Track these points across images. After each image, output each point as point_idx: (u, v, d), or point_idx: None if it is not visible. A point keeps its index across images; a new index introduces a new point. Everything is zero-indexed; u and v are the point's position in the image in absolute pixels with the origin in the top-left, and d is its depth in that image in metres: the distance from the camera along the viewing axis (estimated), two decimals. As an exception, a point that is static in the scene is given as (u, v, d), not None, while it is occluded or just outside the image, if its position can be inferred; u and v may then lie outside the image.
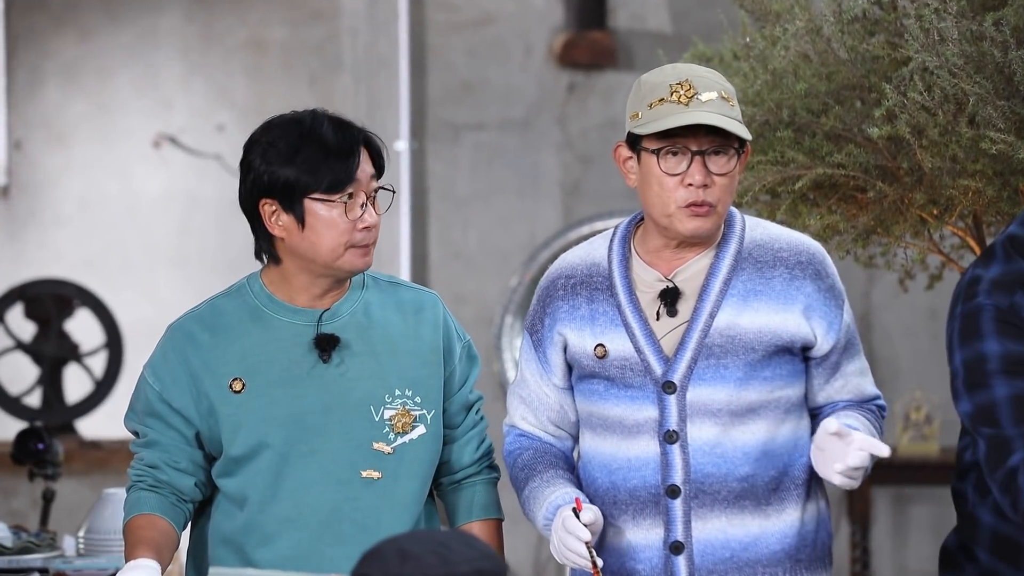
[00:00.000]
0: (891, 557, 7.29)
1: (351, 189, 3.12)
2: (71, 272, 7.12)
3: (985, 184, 3.64)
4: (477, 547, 2.29)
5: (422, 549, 2.27)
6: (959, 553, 3.12)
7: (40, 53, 7.46)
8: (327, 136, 3.12)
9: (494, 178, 7.36)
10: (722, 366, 3.13)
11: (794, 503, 3.17)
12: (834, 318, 3.18)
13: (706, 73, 3.14)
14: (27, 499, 6.44)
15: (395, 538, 2.31)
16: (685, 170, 3.10)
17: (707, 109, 3.08)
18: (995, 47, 3.55)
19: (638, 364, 3.15)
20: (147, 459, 3.19)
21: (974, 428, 2.98)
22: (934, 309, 7.19)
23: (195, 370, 3.17)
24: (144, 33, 7.42)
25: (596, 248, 3.25)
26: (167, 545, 3.13)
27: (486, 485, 3.30)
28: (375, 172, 3.17)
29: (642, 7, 7.36)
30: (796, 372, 3.19)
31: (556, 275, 3.27)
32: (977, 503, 3.08)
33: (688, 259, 3.18)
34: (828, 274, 3.20)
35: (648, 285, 3.18)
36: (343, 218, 3.12)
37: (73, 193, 7.48)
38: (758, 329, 3.14)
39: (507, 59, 7.35)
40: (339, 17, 7.38)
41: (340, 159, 3.11)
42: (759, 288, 3.16)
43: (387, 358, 3.20)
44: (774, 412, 3.16)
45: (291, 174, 3.11)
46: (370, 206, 3.15)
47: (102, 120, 7.45)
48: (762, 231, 3.22)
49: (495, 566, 2.28)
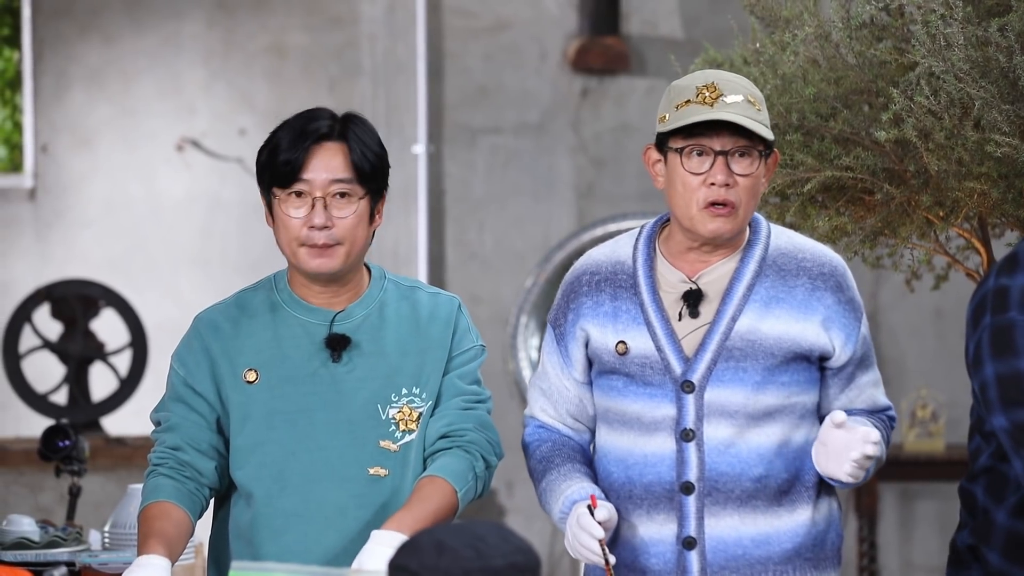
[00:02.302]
0: (898, 552, 7.27)
1: (297, 187, 3.13)
2: (96, 273, 7.08)
3: (990, 186, 3.64)
4: (512, 541, 2.31)
5: (458, 542, 2.28)
6: (967, 553, 3.13)
7: (66, 58, 7.41)
8: (285, 135, 3.13)
9: (509, 181, 7.35)
10: (741, 369, 3.14)
11: (805, 504, 3.19)
12: (852, 330, 3.19)
13: (734, 78, 3.14)
14: (54, 494, 6.40)
15: (432, 530, 2.33)
16: (708, 169, 3.10)
17: (732, 111, 3.08)
18: (1000, 52, 3.55)
19: (658, 362, 3.16)
20: (169, 441, 3.19)
21: (1014, 445, 2.95)
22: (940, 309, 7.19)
23: (215, 356, 3.20)
24: (167, 39, 7.36)
25: (622, 246, 3.26)
26: (180, 537, 3.12)
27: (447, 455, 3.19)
28: (350, 176, 3.14)
29: (654, 13, 7.33)
30: (812, 380, 3.20)
31: (581, 271, 3.27)
32: (991, 506, 3.08)
33: (713, 262, 3.18)
34: (848, 287, 3.21)
35: (672, 285, 3.19)
36: (289, 214, 3.14)
37: (98, 195, 7.40)
38: (778, 335, 3.14)
39: (522, 64, 7.34)
40: (358, 23, 7.36)
41: (291, 151, 3.11)
42: (781, 296, 3.16)
43: (396, 359, 3.20)
44: (789, 417, 3.17)
45: (262, 160, 3.16)
46: (321, 207, 3.13)
47: (126, 124, 7.37)
48: (787, 239, 3.22)
49: (529, 560, 2.29)
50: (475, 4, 7.36)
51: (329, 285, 3.21)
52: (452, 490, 3.14)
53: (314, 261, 3.15)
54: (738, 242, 3.20)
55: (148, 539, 3.08)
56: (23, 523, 4.08)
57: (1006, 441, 2.97)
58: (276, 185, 3.14)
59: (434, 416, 3.21)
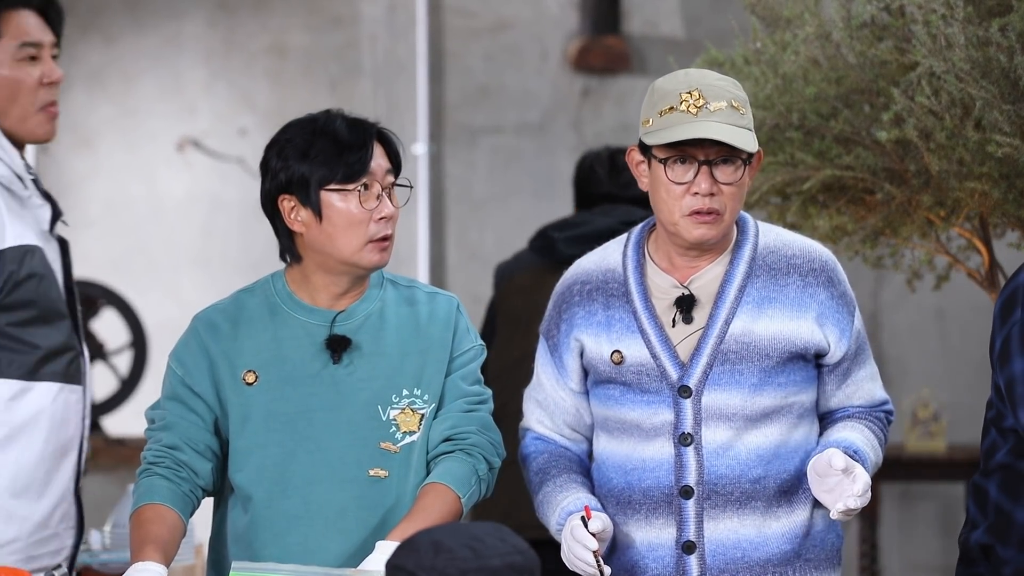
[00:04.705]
0: (898, 552, 7.26)
1: (365, 180, 3.13)
2: (97, 273, 7.08)
3: (991, 186, 3.64)
4: (510, 541, 2.32)
5: (455, 542, 2.30)
6: (978, 552, 3.13)
7: (66, 58, 7.34)
8: (340, 131, 3.14)
9: (510, 181, 7.35)
10: (737, 372, 3.14)
11: (804, 504, 3.19)
12: (846, 325, 3.18)
13: (717, 81, 3.12)
14: None
15: (430, 530, 2.34)
16: (692, 179, 3.09)
17: (716, 119, 3.06)
18: (1001, 52, 3.55)
19: (654, 370, 3.16)
20: (166, 440, 3.18)
21: None
22: (941, 309, 7.19)
23: (214, 358, 3.19)
24: (168, 39, 7.37)
25: (611, 253, 3.25)
26: (174, 542, 3.11)
27: (449, 459, 3.19)
28: (391, 167, 3.18)
29: (655, 13, 7.33)
30: (809, 379, 3.20)
31: (572, 280, 3.26)
32: (1007, 504, 3.07)
33: (702, 266, 3.17)
34: (840, 281, 3.20)
35: (663, 291, 3.19)
36: (359, 208, 3.13)
37: (99, 195, 7.42)
38: (772, 336, 3.14)
39: (523, 64, 7.34)
40: (359, 23, 7.36)
41: (353, 151, 3.12)
42: (773, 295, 3.16)
43: (397, 360, 3.19)
44: (787, 417, 3.17)
45: (306, 168, 3.13)
46: (386, 198, 3.16)
47: (127, 124, 7.39)
48: (774, 236, 3.22)
49: (527, 560, 2.31)
50: (476, 4, 7.37)
51: (354, 285, 3.21)
52: (455, 496, 3.15)
53: (378, 256, 3.17)
54: (726, 244, 3.19)
55: (144, 545, 3.07)
56: (23, 523, 4.09)
57: None
58: (339, 182, 3.13)
59: (437, 418, 3.21)
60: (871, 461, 3.17)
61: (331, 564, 3.11)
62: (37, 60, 3.61)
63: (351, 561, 3.11)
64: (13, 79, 3.58)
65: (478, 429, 3.22)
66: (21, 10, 3.61)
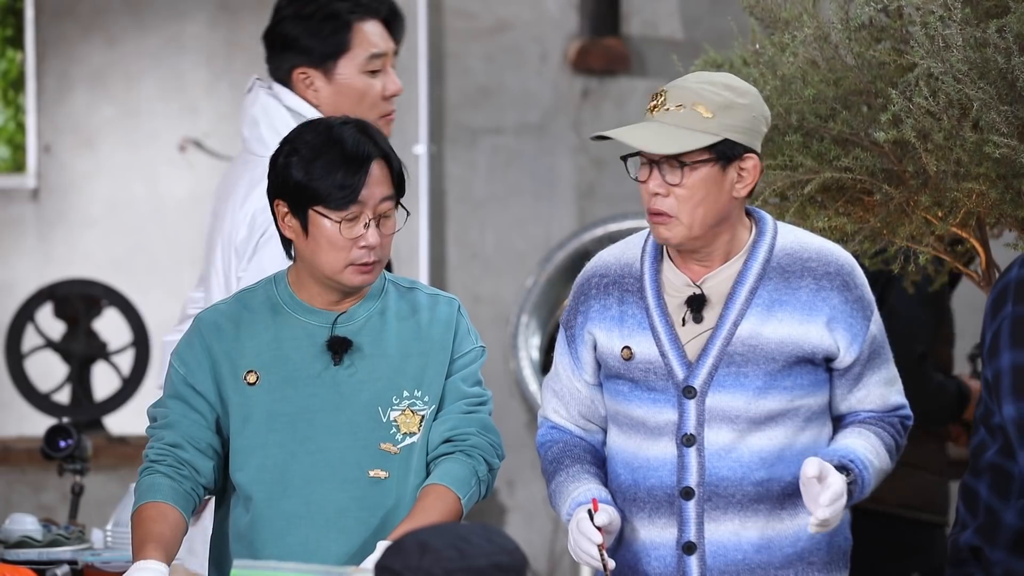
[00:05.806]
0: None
1: (355, 210, 3.12)
2: (99, 272, 7.08)
3: (989, 187, 3.61)
4: (496, 541, 2.32)
5: (441, 543, 2.30)
6: (968, 553, 3.12)
7: (69, 59, 7.45)
8: (345, 149, 3.11)
9: (510, 181, 7.34)
10: (742, 374, 3.12)
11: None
12: (859, 330, 3.15)
13: (696, 84, 3.10)
14: (57, 493, 6.42)
15: (417, 531, 2.35)
16: (646, 179, 3.12)
17: (665, 120, 3.07)
18: (998, 53, 3.52)
19: (661, 368, 3.15)
20: (168, 438, 3.18)
21: (1021, 436, 2.95)
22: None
23: (216, 357, 3.19)
24: (170, 40, 7.37)
25: (631, 248, 3.25)
26: (176, 540, 3.11)
27: (449, 460, 3.19)
28: (392, 191, 3.15)
29: (655, 15, 7.33)
30: (818, 382, 3.17)
31: (592, 273, 3.26)
32: (997, 505, 3.07)
33: (715, 266, 3.17)
34: (856, 285, 3.17)
35: (677, 289, 3.18)
36: (343, 236, 3.12)
37: (101, 196, 7.44)
38: (780, 339, 3.12)
39: (523, 65, 7.33)
40: (359, 24, 7.43)
41: (349, 175, 3.10)
42: (784, 298, 3.13)
43: (398, 361, 3.19)
44: (794, 420, 3.15)
45: (302, 180, 3.11)
46: (374, 227, 3.13)
47: (129, 124, 7.40)
48: (793, 238, 3.19)
49: (513, 560, 2.31)
50: (476, 5, 7.38)
51: (348, 292, 3.21)
52: (455, 497, 3.15)
53: (358, 278, 3.16)
54: (739, 244, 3.18)
55: (146, 543, 3.07)
56: (26, 522, 4.10)
57: (1013, 432, 2.96)
58: (325, 206, 3.12)
59: (437, 420, 3.21)
60: (874, 468, 3.15)
61: (332, 564, 3.10)
62: (378, 72, 3.74)
63: (351, 561, 3.11)
64: (360, 91, 3.73)
65: (478, 430, 3.22)
66: (369, 20, 3.70)
